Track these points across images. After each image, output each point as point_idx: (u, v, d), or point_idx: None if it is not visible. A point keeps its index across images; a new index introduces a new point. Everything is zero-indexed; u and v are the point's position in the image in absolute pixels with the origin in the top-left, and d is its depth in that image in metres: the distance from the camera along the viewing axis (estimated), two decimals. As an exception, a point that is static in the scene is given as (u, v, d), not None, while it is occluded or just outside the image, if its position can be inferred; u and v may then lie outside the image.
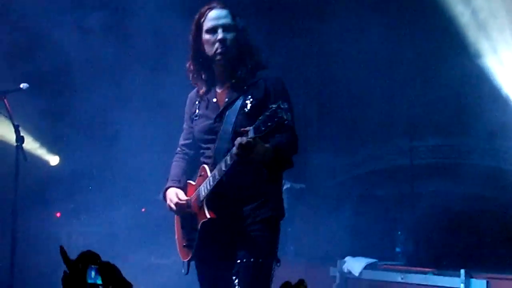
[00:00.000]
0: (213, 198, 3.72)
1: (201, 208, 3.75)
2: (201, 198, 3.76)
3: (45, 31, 6.97)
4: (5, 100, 5.51)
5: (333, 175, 7.71)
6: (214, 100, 3.90)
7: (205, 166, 3.81)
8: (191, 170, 4.05)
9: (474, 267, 5.46)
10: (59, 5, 6.92)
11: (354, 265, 6.26)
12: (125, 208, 7.62)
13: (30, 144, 7.46)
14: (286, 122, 3.38)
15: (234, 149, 3.45)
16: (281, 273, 6.70)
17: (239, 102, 3.78)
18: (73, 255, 6.61)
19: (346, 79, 7.53)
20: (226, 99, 3.84)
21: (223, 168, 3.60)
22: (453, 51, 6.40)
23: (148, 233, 7.51)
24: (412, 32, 7.02)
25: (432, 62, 6.81)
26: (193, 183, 3.93)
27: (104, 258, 6.45)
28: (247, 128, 3.40)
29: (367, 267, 6.20)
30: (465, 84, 6.50)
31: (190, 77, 3.99)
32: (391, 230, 6.75)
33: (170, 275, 7.11)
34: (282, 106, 3.29)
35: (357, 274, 6.20)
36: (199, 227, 3.75)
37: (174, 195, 3.92)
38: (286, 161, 3.68)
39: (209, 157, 3.85)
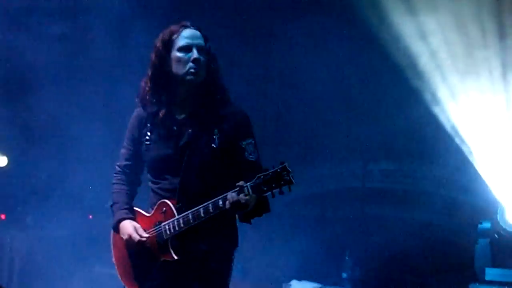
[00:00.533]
0: (179, 239, 3.58)
1: (163, 247, 3.60)
2: (165, 237, 3.59)
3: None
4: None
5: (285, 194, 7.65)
6: (175, 128, 3.65)
7: (168, 202, 3.62)
8: (134, 193, 3.88)
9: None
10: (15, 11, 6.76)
11: (299, 289, 6.23)
12: (72, 214, 7.48)
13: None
14: (251, 155, 3.50)
15: (226, 204, 3.33)
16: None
17: (205, 137, 3.59)
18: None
19: (304, 99, 7.49)
20: (190, 130, 3.61)
21: (202, 215, 3.45)
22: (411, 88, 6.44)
23: (94, 240, 7.38)
24: (372, 60, 6.99)
25: (394, 91, 6.81)
26: (145, 214, 3.75)
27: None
28: (242, 184, 3.29)
29: (312, 292, 6.18)
30: (424, 114, 6.51)
31: (142, 97, 3.70)
32: (339, 254, 6.72)
33: (114, 285, 7.01)
34: (288, 168, 3.29)
35: (302, 299, 6.17)
36: (158, 265, 3.63)
37: (133, 230, 3.69)
38: (266, 208, 3.65)
39: (168, 190, 3.64)
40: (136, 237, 3.66)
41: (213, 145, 3.54)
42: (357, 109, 7.19)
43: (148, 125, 3.72)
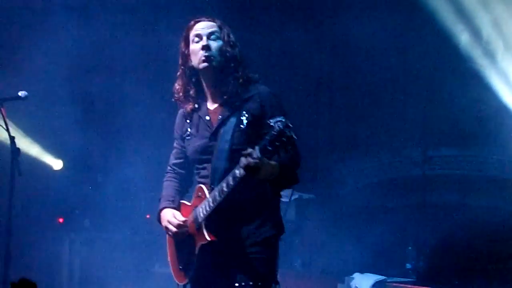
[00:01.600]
0: (212, 219, 3.57)
1: (199, 230, 3.60)
2: (200, 220, 3.61)
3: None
4: (2, 109, 5.33)
5: (343, 185, 7.51)
6: (207, 118, 3.74)
7: (203, 186, 3.67)
8: (184, 190, 3.93)
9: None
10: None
11: (362, 282, 6.09)
12: (130, 214, 7.51)
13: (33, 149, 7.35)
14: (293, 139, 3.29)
15: (241, 171, 3.33)
16: (287, 286, 6.58)
17: (233, 119, 3.64)
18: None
19: (359, 86, 7.37)
20: (220, 116, 3.69)
21: (225, 189, 3.46)
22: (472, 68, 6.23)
23: (152, 240, 7.37)
24: (432, 39, 6.81)
25: (454, 71, 6.61)
26: (188, 203, 3.79)
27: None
28: (248, 151, 3.26)
29: (376, 284, 6.04)
30: (485, 96, 6.28)
31: (177, 96, 3.83)
32: (401, 244, 6.54)
33: (173, 284, 6.99)
34: (289, 124, 3.18)
35: (365, 292, 6.03)
36: (197, 250, 3.61)
37: (172, 216, 3.75)
38: (292, 178, 3.55)
39: (205, 176, 3.70)
40: (174, 221, 3.72)
41: (241, 126, 3.58)
42: (414, 92, 7.00)
43: (188, 121, 3.83)
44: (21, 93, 5.34)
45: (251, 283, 3.53)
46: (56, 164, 7.74)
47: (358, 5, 7.17)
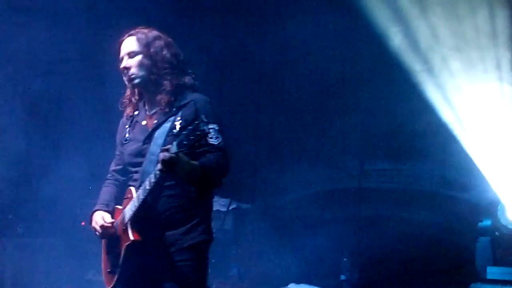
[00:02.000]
0: (138, 220, 3.63)
1: (125, 230, 3.66)
2: (126, 220, 3.68)
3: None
4: None
5: (281, 195, 7.55)
6: (144, 122, 3.85)
7: (131, 188, 3.75)
8: (121, 195, 3.93)
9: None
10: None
11: (298, 292, 6.13)
12: (65, 221, 7.37)
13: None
14: (213, 139, 3.56)
15: (158, 166, 3.42)
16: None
17: (167, 124, 3.72)
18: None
19: (300, 95, 7.41)
20: (155, 121, 3.78)
21: (147, 187, 3.55)
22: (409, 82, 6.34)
23: (86, 248, 7.26)
24: (370, 50, 6.90)
25: (386, 84, 6.71)
26: (120, 207, 3.84)
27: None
28: (167, 147, 3.38)
29: (310, 295, 6.08)
30: (422, 110, 6.41)
31: (120, 102, 3.99)
32: (337, 255, 6.61)
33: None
34: (204, 120, 3.31)
35: (300, 303, 6.07)
36: (122, 251, 3.64)
37: (100, 218, 3.82)
38: (213, 181, 3.62)
39: (136, 180, 3.77)
40: (99, 222, 3.79)
41: (174, 130, 3.63)
42: (352, 104, 7.08)
43: (127, 127, 3.94)
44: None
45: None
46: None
47: (300, 8, 7.18)
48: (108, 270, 3.80)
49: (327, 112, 7.28)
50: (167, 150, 3.37)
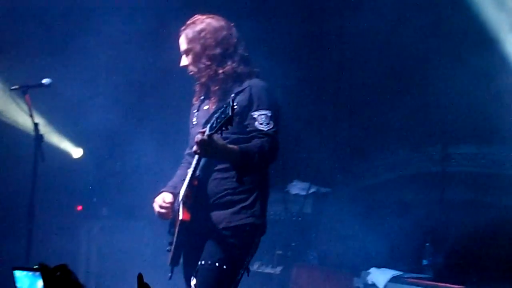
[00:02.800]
0: (189, 201, 3.76)
1: (178, 210, 3.79)
2: (179, 200, 3.83)
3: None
4: (27, 96, 5.39)
5: (361, 180, 7.48)
6: (206, 107, 4.02)
7: (188, 170, 3.87)
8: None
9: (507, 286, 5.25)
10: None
11: (379, 277, 6.06)
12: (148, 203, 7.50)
13: (53, 137, 7.38)
14: (263, 124, 3.68)
15: (195, 147, 3.54)
16: (302, 281, 6.59)
17: (224, 109, 3.73)
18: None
19: (378, 79, 7.29)
20: (214, 107, 3.90)
21: (192, 168, 3.74)
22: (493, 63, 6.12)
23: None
24: (450, 33, 6.72)
25: (470, 70, 6.51)
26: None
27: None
28: (205, 128, 3.52)
29: (392, 279, 6.00)
30: (504, 93, 6.20)
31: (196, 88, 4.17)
32: (419, 240, 6.49)
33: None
34: (231, 104, 3.36)
35: (381, 287, 6.00)
36: (177, 229, 3.77)
37: (160, 198, 3.97)
38: (253, 166, 3.66)
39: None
40: (158, 202, 3.95)
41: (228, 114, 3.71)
42: (435, 86, 6.91)
43: (194, 111, 4.14)
44: (44, 81, 5.42)
45: (210, 262, 3.70)
46: (76, 152, 7.78)
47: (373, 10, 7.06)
48: (167, 248, 3.94)
49: (409, 94, 7.13)
50: (203, 132, 3.49)
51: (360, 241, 6.51)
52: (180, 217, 3.71)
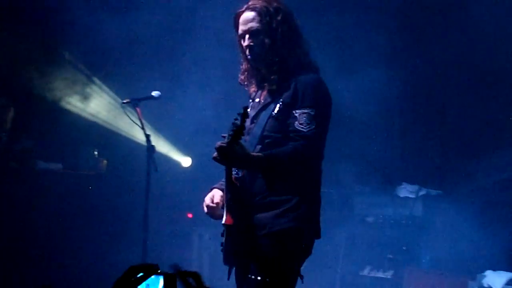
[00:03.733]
0: (232, 203, 3.56)
1: (224, 213, 3.63)
2: (225, 202, 3.63)
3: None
4: (137, 109, 5.58)
5: (472, 181, 7.28)
6: (257, 100, 3.81)
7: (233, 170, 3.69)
8: None
9: None
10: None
11: (495, 280, 5.88)
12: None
13: (164, 146, 7.61)
14: (303, 125, 3.43)
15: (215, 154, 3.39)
16: (415, 285, 6.46)
17: (272, 106, 3.64)
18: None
19: (487, 76, 7.10)
20: (262, 101, 3.73)
21: (234, 173, 3.56)
22: None
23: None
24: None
25: None
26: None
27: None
28: (226, 134, 3.34)
29: (510, 282, 5.82)
30: None
31: (241, 77, 3.91)
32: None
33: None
34: (242, 111, 3.23)
35: (498, 290, 5.83)
36: (224, 232, 3.63)
37: (209, 197, 3.81)
38: (283, 172, 3.48)
39: None
40: (206, 202, 3.78)
41: (273, 112, 3.57)
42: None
43: (250, 101, 3.89)
44: (154, 93, 5.60)
45: (259, 278, 3.46)
46: (185, 161, 7.98)
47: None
48: (221, 248, 3.78)
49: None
50: (224, 137, 3.32)
51: (474, 243, 6.33)
52: (223, 221, 3.56)
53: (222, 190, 3.79)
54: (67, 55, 7.70)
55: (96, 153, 7.84)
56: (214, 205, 3.76)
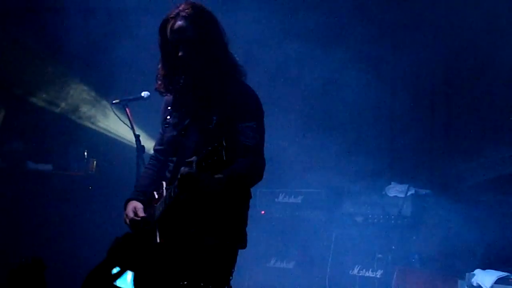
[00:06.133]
0: (165, 220, 3.45)
1: (153, 229, 3.49)
2: (154, 219, 3.51)
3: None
4: (127, 109, 5.60)
5: (461, 180, 7.32)
6: (183, 110, 3.64)
7: (163, 183, 3.58)
8: (160, 175, 3.77)
9: None
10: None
11: (485, 278, 5.87)
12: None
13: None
14: (248, 139, 3.31)
15: (176, 182, 3.21)
16: (404, 284, 6.49)
17: (206, 116, 3.49)
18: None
19: (474, 78, 7.15)
20: (193, 111, 3.58)
21: (167, 200, 3.38)
22: None
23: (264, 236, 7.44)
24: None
25: None
26: (156, 197, 3.66)
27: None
28: (191, 159, 3.12)
29: (499, 281, 5.79)
30: None
31: (160, 83, 3.71)
32: (526, 240, 6.30)
33: (287, 280, 7.06)
34: (224, 144, 2.96)
35: (487, 289, 5.84)
36: (151, 248, 3.51)
37: (131, 210, 3.67)
38: (242, 189, 3.46)
39: (170, 171, 3.61)
40: (130, 215, 3.62)
41: (209, 126, 3.43)
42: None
43: (169, 108, 3.73)
44: (143, 94, 5.61)
45: (205, 284, 3.39)
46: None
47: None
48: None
49: (506, 93, 6.96)
50: (190, 164, 3.11)
51: (463, 242, 6.36)
52: (157, 240, 3.42)
53: (142, 201, 3.69)
54: (57, 56, 7.71)
55: (85, 153, 7.84)
56: (139, 218, 3.61)
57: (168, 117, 3.71)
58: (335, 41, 7.68)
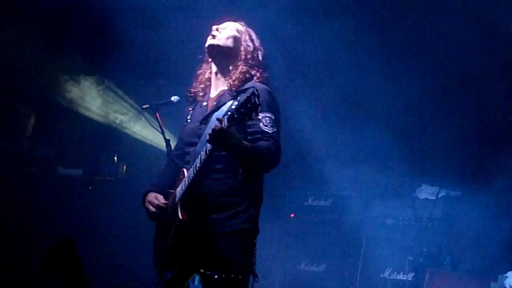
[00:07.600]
0: (187, 200, 3.68)
1: (175, 210, 3.70)
2: (176, 200, 3.72)
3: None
4: (157, 114, 5.61)
5: (492, 181, 7.24)
6: (204, 103, 3.95)
7: (184, 169, 3.80)
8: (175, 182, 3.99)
9: None
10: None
11: (517, 280, 5.84)
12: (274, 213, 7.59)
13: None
14: (267, 127, 3.59)
15: (207, 136, 3.43)
16: (437, 286, 6.43)
17: (225, 107, 3.75)
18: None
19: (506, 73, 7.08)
20: (215, 103, 3.86)
21: (198, 165, 3.59)
22: None
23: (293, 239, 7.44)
24: None
25: None
26: (172, 190, 3.89)
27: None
28: (223, 117, 3.40)
29: (532, 283, 5.78)
30: None
31: (199, 86, 4.14)
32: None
33: (317, 282, 7.05)
34: (256, 93, 3.25)
35: (520, 291, 5.79)
36: (172, 231, 3.66)
37: (153, 197, 3.90)
38: (262, 166, 3.62)
39: (189, 162, 3.82)
40: (154, 202, 3.85)
41: (229, 113, 3.57)
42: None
43: (190, 109, 4.10)
44: (173, 98, 5.61)
45: (224, 275, 3.42)
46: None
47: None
48: (156, 252, 3.85)
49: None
50: (221, 121, 3.39)
51: (495, 244, 6.30)
52: (180, 217, 3.63)
53: (159, 193, 3.93)
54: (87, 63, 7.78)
55: (116, 158, 7.90)
56: (163, 204, 3.85)
57: (189, 116, 4.08)
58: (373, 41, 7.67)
